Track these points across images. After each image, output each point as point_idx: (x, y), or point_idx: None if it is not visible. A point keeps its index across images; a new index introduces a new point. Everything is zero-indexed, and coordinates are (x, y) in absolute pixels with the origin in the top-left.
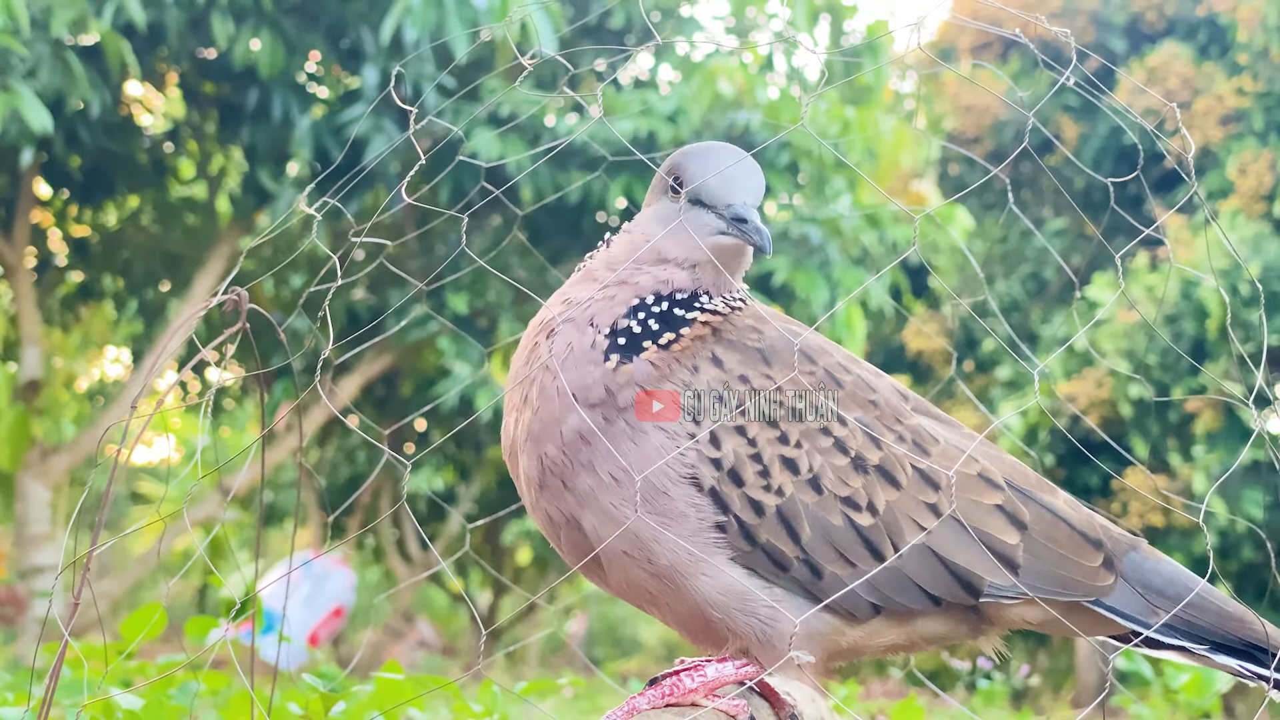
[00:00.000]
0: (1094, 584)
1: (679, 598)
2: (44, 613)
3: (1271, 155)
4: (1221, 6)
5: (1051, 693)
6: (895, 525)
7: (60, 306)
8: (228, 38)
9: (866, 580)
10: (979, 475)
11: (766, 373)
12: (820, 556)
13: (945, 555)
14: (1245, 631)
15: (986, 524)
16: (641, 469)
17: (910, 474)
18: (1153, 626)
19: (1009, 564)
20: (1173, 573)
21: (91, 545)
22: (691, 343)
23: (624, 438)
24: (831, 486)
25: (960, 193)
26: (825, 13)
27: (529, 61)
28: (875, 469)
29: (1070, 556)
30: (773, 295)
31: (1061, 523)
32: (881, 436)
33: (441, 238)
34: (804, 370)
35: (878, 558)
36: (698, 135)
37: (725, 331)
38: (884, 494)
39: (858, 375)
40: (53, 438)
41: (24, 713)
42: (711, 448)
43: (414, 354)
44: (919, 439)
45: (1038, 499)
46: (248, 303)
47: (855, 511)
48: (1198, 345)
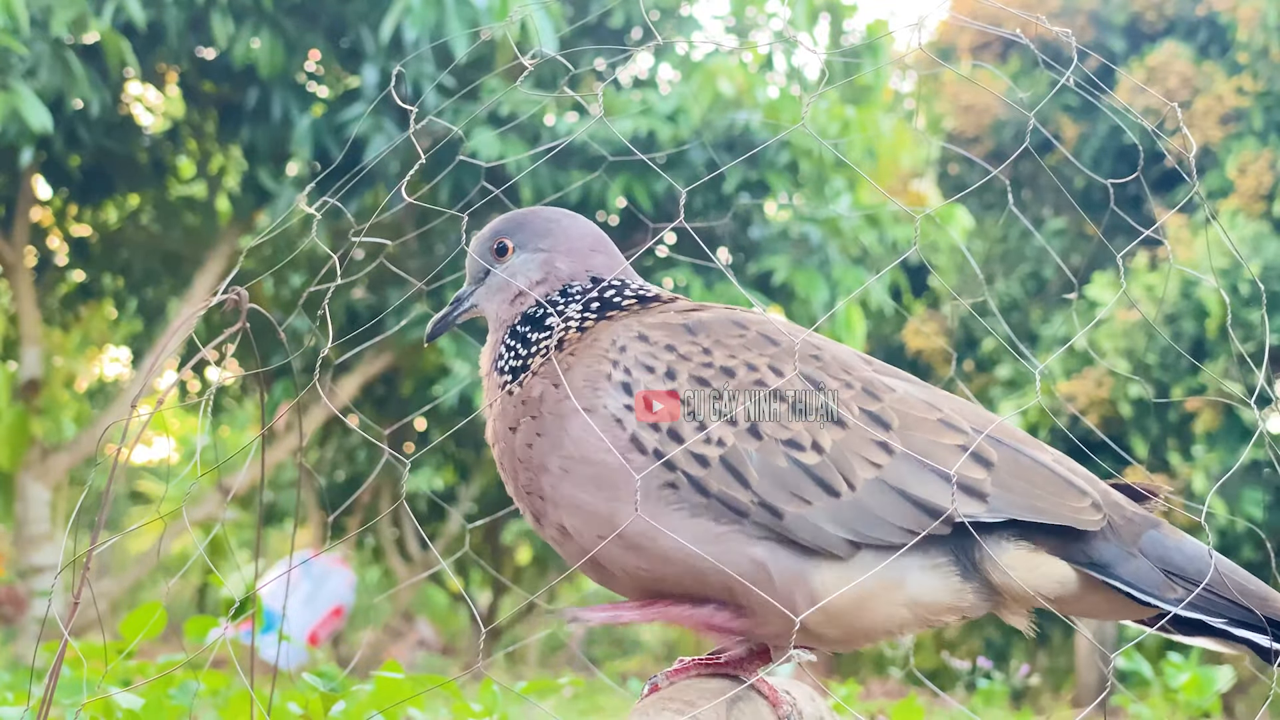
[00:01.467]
0: (1078, 516)
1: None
2: (43, 612)
3: (1271, 155)
4: (1221, 6)
5: (1051, 692)
6: (844, 462)
7: (60, 306)
8: (227, 37)
9: (831, 515)
10: (939, 420)
11: (692, 340)
12: (773, 498)
13: (903, 488)
14: (1267, 609)
15: (947, 461)
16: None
17: (857, 414)
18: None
19: (975, 494)
20: (1194, 551)
21: (91, 545)
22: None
23: (554, 427)
24: (771, 432)
25: (960, 193)
26: (825, 12)
27: (529, 61)
28: (817, 411)
29: (1049, 494)
30: (772, 295)
31: (1040, 467)
32: (824, 383)
33: (441, 237)
34: (734, 334)
35: (831, 493)
36: (698, 134)
37: (650, 314)
38: (829, 434)
39: (800, 339)
40: (52, 437)
41: (23, 712)
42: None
43: (414, 353)
44: (870, 388)
45: (1012, 445)
46: (248, 302)
47: (800, 451)
48: (1198, 345)
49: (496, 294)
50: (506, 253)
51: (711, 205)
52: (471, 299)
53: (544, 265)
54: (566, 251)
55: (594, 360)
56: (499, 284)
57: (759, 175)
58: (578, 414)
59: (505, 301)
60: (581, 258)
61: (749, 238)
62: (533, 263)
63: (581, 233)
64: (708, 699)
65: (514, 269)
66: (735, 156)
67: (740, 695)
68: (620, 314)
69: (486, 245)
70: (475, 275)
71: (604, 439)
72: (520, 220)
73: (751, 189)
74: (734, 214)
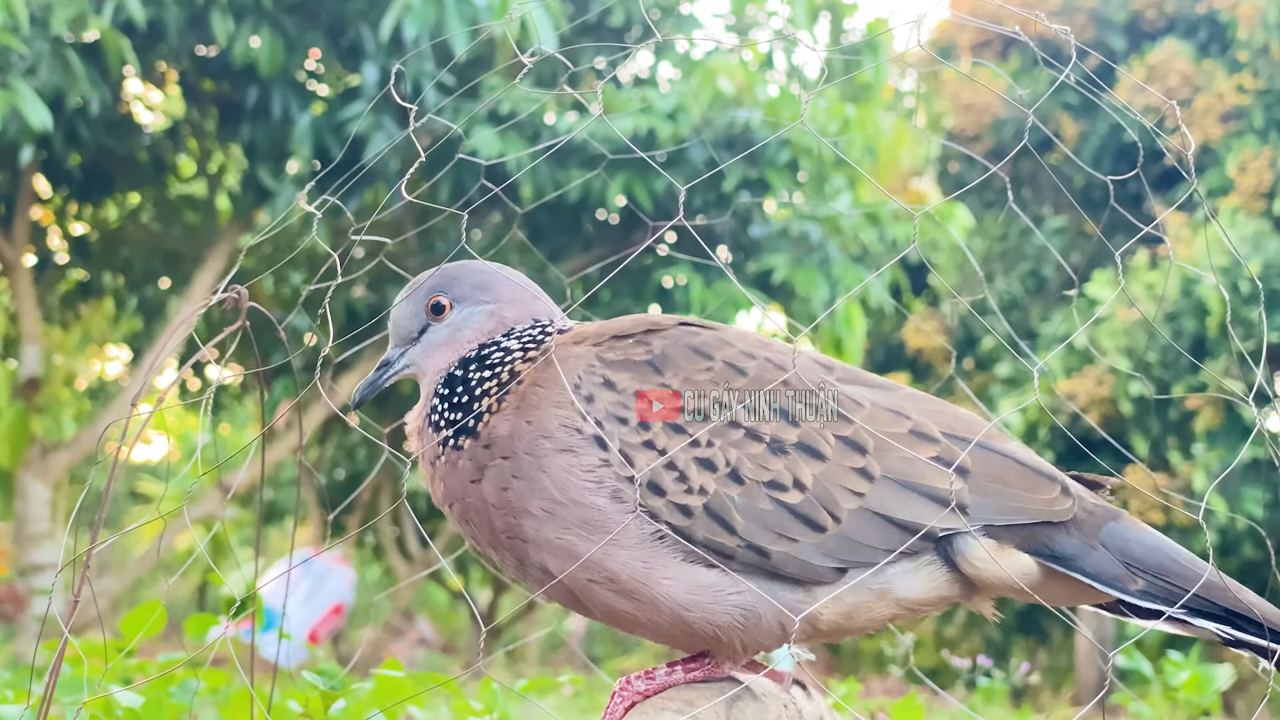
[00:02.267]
0: (1051, 509)
1: (655, 610)
2: (44, 610)
3: (1272, 153)
4: (1221, 4)
5: (1051, 691)
6: (827, 496)
7: (60, 304)
8: (227, 35)
9: (817, 548)
10: (911, 431)
11: (661, 382)
12: (760, 540)
13: (886, 513)
14: (1227, 600)
15: (924, 477)
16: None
17: (834, 443)
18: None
19: (957, 507)
20: (1155, 542)
21: (91, 543)
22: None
23: (532, 469)
24: (752, 475)
25: (959, 190)
26: (825, 10)
27: (528, 59)
28: (795, 447)
29: (1023, 491)
30: (772, 293)
31: (1011, 462)
32: (796, 414)
33: (442, 235)
34: (700, 369)
35: (817, 529)
36: (698, 132)
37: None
38: (809, 469)
39: (764, 359)
40: (52, 435)
41: (24, 710)
42: (626, 466)
43: None
44: (841, 408)
45: (982, 444)
46: (247, 301)
47: (782, 492)
48: (1198, 343)
49: (438, 351)
50: (444, 310)
51: (711, 203)
52: (404, 360)
53: (491, 316)
54: (511, 301)
55: (562, 403)
56: (441, 340)
57: (759, 173)
58: (557, 455)
59: (447, 357)
60: (526, 305)
61: (749, 236)
62: (478, 315)
63: (522, 283)
64: (707, 699)
65: (457, 324)
66: (735, 155)
67: (739, 695)
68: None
69: (421, 305)
70: (405, 336)
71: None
72: (454, 275)
73: (751, 187)
74: (734, 212)
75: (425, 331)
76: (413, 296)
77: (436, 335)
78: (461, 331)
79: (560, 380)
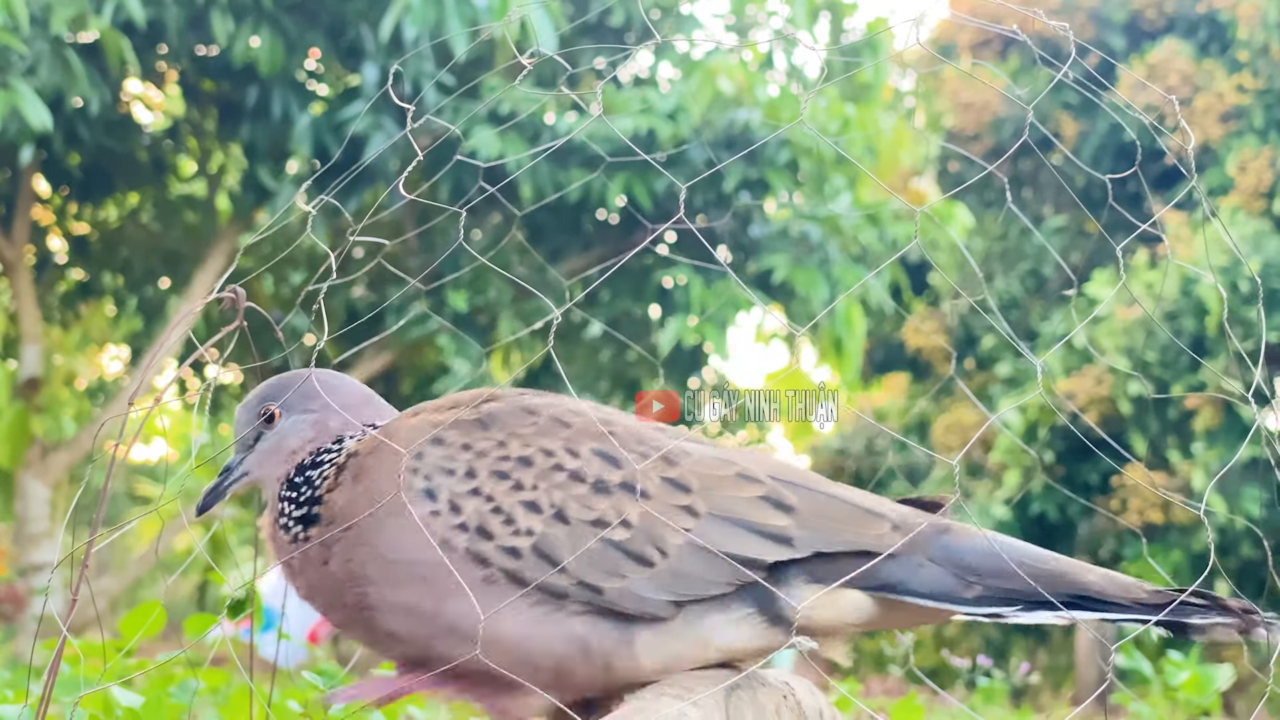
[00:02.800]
0: (880, 540)
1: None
2: (42, 610)
3: (1271, 152)
4: (1221, 3)
5: (1051, 690)
6: (653, 532)
7: (60, 304)
8: (227, 35)
9: (649, 583)
10: (737, 475)
11: (486, 435)
12: (591, 578)
13: (714, 547)
14: (1068, 584)
15: (750, 514)
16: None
17: (659, 483)
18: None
19: (781, 540)
20: (987, 546)
21: (89, 541)
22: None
23: (372, 534)
24: (578, 514)
25: (958, 188)
26: (825, 10)
27: (528, 60)
28: (619, 487)
29: (850, 527)
30: (772, 293)
31: (838, 501)
32: (620, 457)
33: (442, 235)
34: (526, 423)
35: (646, 564)
36: (697, 133)
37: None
38: (634, 507)
39: (591, 415)
40: (52, 435)
41: (23, 710)
42: (454, 515)
43: (414, 352)
44: (666, 455)
45: (809, 486)
46: (245, 300)
47: (608, 530)
48: (1197, 342)
49: (269, 459)
50: (273, 419)
51: (712, 204)
52: (241, 467)
53: (315, 425)
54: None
55: (392, 467)
56: (271, 448)
57: (759, 173)
58: (390, 518)
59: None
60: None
61: (749, 236)
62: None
63: (351, 390)
64: (705, 686)
65: (284, 432)
66: (735, 155)
67: (738, 684)
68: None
69: (253, 412)
70: (243, 443)
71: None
72: (284, 384)
73: (751, 187)
74: (734, 212)
75: (258, 440)
76: (247, 404)
77: (267, 443)
78: (287, 439)
79: (391, 447)
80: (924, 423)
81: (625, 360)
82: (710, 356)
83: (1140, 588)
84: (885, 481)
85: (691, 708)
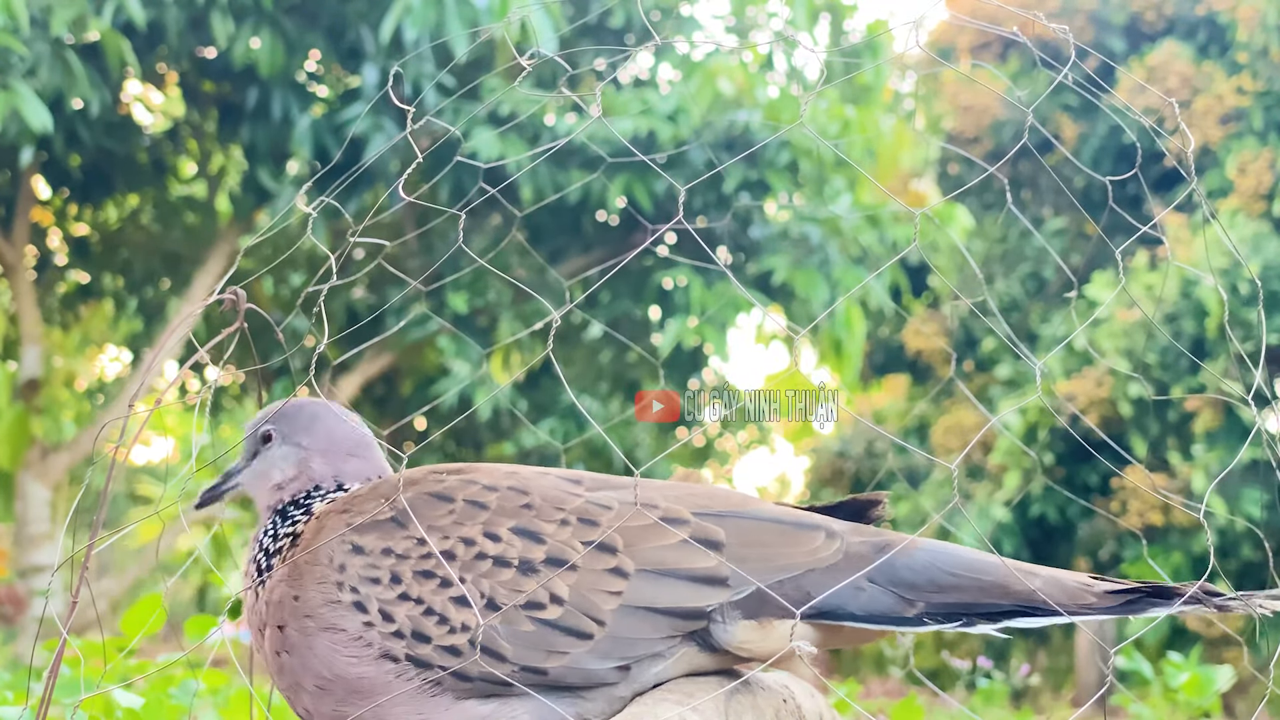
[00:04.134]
0: (815, 558)
1: None
2: (43, 611)
3: (1271, 154)
4: (1221, 5)
5: (1051, 692)
6: (586, 603)
7: (60, 305)
8: (227, 37)
9: (591, 654)
10: (660, 520)
11: (405, 535)
12: (531, 660)
13: (649, 605)
14: (1009, 594)
15: (679, 561)
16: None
17: (582, 550)
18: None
19: (715, 581)
20: (927, 560)
21: (90, 543)
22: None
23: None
24: (508, 600)
25: (958, 190)
26: (825, 12)
27: (528, 62)
28: (544, 564)
29: (783, 549)
30: (772, 295)
31: (768, 524)
32: (541, 531)
33: (441, 237)
34: (442, 513)
35: (584, 638)
36: (697, 134)
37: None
38: (563, 581)
39: (505, 489)
40: (52, 437)
41: (23, 711)
42: (388, 624)
43: (414, 353)
44: (586, 515)
45: (735, 514)
46: (245, 302)
47: (540, 610)
48: (1197, 344)
49: (258, 480)
50: (270, 441)
51: (711, 205)
52: (239, 477)
53: (299, 462)
54: (323, 452)
55: (320, 578)
56: (261, 470)
57: (759, 175)
58: (321, 634)
59: (265, 489)
60: (337, 460)
61: (749, 237)
62: (290, 457)
63: (343, 434)
64: (706, 691)
65: (273, 459)
66: (735, 156)
67: (738, 688)
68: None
69: (256, 429)
70: (247, 454)
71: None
72: (289, 411)
73: (751, 189)
74: (734, 214)
75: (255, 456)
76: (256, 418)
77: (260, 464)
78: (273, 468)
79: (320, 554)
80: (924, 424)
81: (625, 361)
82: (710, 358)
83: (1088, 591)
84: (885, 483)
85: (692, 713)
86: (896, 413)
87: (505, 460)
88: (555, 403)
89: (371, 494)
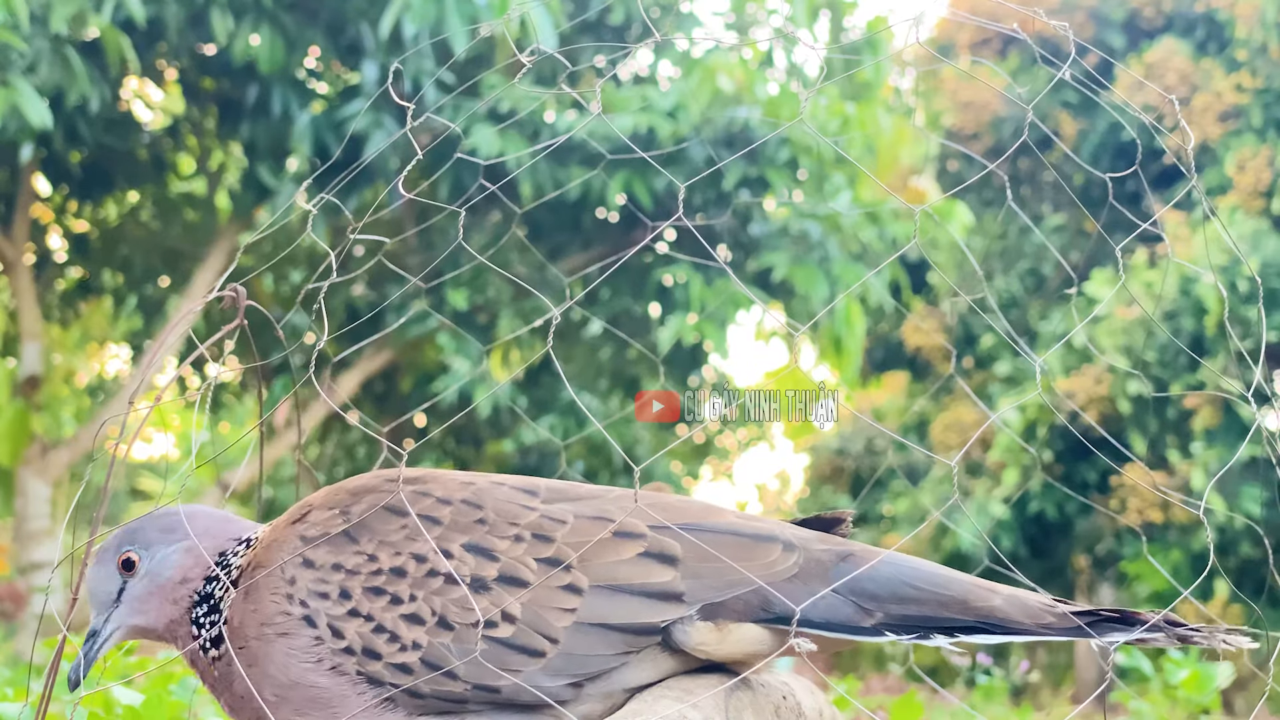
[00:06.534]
0: (772, 570)
1: None
2: (43, 608)
3: (1270, 151)
4: (1220, 2)
5: (1051, 689)
6: (539, 621)
7: (60, 302)
8: (227, 33)
9: (543, 671)
10: (615, 535)
11: (356, 550)
12: (484, 679)
13: (603, 621)
14: (969, 611)
15: (634, 576)
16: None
17: (536, 567)
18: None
19: (670, 597)
20: (890, 572)
21: (90, 539)
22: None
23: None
24: (460, 618)
25: (958, 187)
26: (825, 9)
27: (527, 58)
28: (497, 581)
29: (740, 560)
30: (772, 291)
31: (724, 536)
32: (494, 548)
33: (441, 234)
34: (395, 528)
35: (536, 655)
36: (697, 131)
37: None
38: (516, 599)
39: (459, 503)
40: (52, 433)
41: (23, 708)
42: (337, 640)
43: (413, 350)
44: (540, 531)
45: (693, 527)
46: (245, 299)
47: (492, 629)
48: (1196, 341)
49: (147, 602)
50: (134, 564)
51: (711, 202)
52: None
53: (188, 551)
54: (202, 533)
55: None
56: (144, 591)
57: (759, 172)
58: (276, 640)
59: (167, 602)
60: (220, 533)
61: (749, 234)
62: (174, 554)
63: (208, 514)
64: (705, 688)
65: (154, 571)
66: (735, 153)
67: (738, 685)
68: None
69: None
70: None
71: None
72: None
73: (751, 185)
74: (734, 210)
75: (123, 590)
76: (101, 560)
77: (137, 588)
78: (162, 574)
79: (270, 577)
80: (923, 421)
81: (625, 358)
82: (710, 355)
83: (1048, 611)
84: (885, 481)
85: (691, 710)
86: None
87: (505, 458)
88: (555, 400)
89: (324, 504)
